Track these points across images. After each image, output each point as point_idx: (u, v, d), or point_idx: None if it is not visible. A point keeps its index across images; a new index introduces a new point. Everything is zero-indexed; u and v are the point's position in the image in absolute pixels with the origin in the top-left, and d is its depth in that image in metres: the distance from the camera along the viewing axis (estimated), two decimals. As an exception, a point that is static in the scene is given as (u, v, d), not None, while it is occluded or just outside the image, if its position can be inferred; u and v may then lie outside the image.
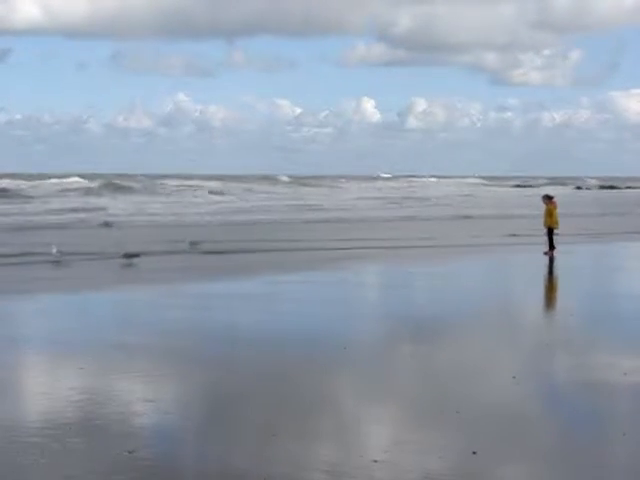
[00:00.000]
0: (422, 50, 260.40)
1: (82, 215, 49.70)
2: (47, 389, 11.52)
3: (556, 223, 29.41)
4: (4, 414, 10.20)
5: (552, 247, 28.89)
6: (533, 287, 23.11)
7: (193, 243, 31.09)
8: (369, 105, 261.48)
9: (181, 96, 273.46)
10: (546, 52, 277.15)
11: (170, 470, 8.28)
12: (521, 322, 17.37)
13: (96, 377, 12.10)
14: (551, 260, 27.96)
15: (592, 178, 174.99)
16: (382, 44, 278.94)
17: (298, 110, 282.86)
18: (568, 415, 10.42)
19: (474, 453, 8.78)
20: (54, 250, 26.76)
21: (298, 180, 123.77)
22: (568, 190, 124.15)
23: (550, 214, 29.58)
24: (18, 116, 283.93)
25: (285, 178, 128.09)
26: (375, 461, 8.49)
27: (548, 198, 30.61)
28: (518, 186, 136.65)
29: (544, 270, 26.67)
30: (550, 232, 29.24)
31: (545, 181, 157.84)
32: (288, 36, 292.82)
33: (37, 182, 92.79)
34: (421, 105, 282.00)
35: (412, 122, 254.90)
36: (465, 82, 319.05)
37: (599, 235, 39.69)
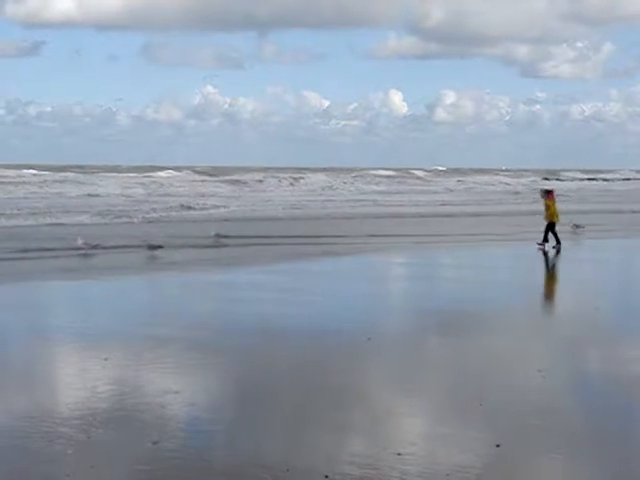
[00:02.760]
0: (453, 43, 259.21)
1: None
2: (73, 380, 11.59)
3: (556, 217, 29.22)
4: (31, 404, 10.27)
5: (556, 240, 28.81)
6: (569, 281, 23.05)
7: (218, 235, 31.19)
8: (397, 98, 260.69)
9: (210, 88, 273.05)
10: (578, 44, 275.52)
11: (194, 461, 8.31)
12: (549, 315, 17.33)
13: (121, 368, 12.15)
14: (556, 251, 28.01)
15: (622, 170, 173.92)
16: (413, 37, 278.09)
17: (326, 102, 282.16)
18: (593, 408, 10.38)
19: (498, 446, 8.77)
20: (79, 242, 26.88)
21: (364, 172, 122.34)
22: (599, 184, 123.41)
23: (547, 208, 29.35)
24: (48, 108, 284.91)
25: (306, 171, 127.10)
26: (399, 454, 8.49)
27: (546, 192, 30.37)
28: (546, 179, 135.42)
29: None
30: (550, 226, 29.01)
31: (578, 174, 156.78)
32: (319, 29, 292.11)
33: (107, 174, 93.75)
34: (450, 98, 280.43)
35: (441, 115, 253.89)
36: (495, 75, 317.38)
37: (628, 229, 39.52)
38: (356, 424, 9.60)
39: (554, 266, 26.10)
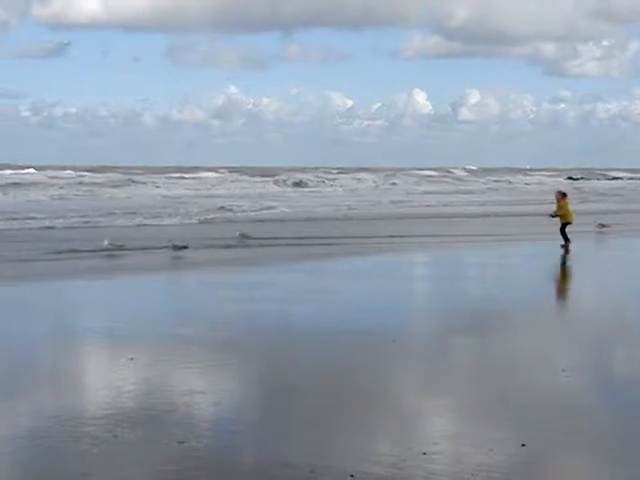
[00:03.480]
0: (478, 42, 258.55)
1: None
2: (99, 379, 11.64)
3: (570, 217, 29.54)
4: (57, 404, 10.32)
5: (567, 240, 28.95)
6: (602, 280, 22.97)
7: (243, 235, 31.24)
8: (421, 97, 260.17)
9: (234, 89, 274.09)
10: (604, 43, 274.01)
11: (219, 461, 8.33)
12: (573, 314, 17.28)
13: (147, 368, 12.19)
14: (567, 252, 27.98)
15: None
16: (437, 36, 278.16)
17: (350, 102, 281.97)
18: (618, 408, 10.34)
19: (523, 445, 8.75)
20: (105, 242, 26.99)
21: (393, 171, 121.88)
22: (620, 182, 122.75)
23: (561, 209, 29.59)
24: (73, 109, 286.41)
25: (335, 171, 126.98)
26: (424, 453, 8.49)
27: (562, 195, 30.48)
28: (571, 178, 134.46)
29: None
30: (564, 226, 29.29)
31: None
32: (344, 29, 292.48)
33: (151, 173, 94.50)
34: (474, 97, 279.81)
35: (465, 114, 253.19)
36: (519, 74, 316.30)
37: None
38: (381, 424, 9.60)
39: (579, 266, 25.98)
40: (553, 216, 30.05)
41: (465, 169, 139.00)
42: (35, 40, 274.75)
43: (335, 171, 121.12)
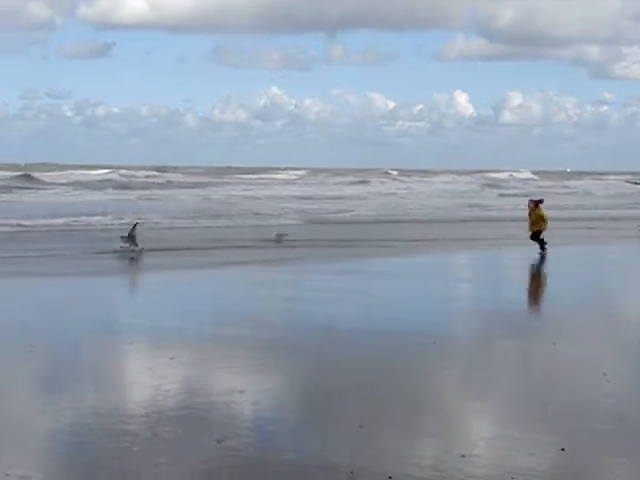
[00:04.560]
0: (522, 44, 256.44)
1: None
2: (139, 378, 11.70)
3: (536, 225, 28.48)
4: (98, 402, 10.38)
5: (542, 245, 28.08)
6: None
7: (279, 235, 31.38)
8: (463, 99, 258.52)
9: (277, 89, 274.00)
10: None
11: (258, 460, 8.34)
12: (615, 318, 17.15)
13: (187, 367, 12.24)
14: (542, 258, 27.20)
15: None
16: (481, 38, 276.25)
17: (392, 104, 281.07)
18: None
19: (563, 450, 8.69)
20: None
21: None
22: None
23: (531, 217, 28.74)
24: (116, 109, 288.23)
25: (393, 172, 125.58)
26: (463, 456, 8.45)
27: (535, 204, 29.28)
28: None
29: None
30: (538, 233, 28.37)
31: None
32: (388, 30, 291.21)
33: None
34: (517, 99, 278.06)
35: (507, 116, 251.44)
36: (563, 76, 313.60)
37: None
38: (421, 426, 9.57)
39: (620, 269, 25.80)
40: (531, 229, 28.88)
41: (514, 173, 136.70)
42: (80, 40, 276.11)
43: (395, 172, 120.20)
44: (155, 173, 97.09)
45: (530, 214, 28.70)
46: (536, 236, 28.30)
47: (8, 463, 8.20)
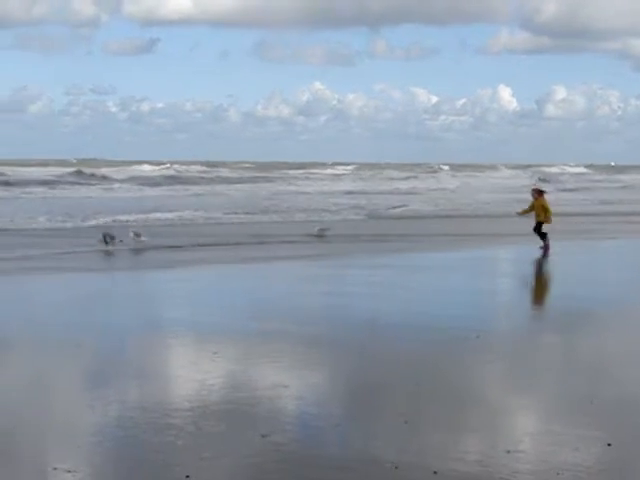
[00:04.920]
0: (566, 37, 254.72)
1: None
2: (183, 372, 11.75)
3: (538, 216, 27.69)
4: (142, 396, 10.44)
5: (544, 240, 27.28)
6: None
7: (321, 230, 31.44)
8: (506, 93, 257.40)
9: (319, 85, 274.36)
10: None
11: (303, 456, 8.34)
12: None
13: (231, 361, 12.28)
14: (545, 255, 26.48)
15: None
16: (525, 32, 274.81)
17: (435, 98, 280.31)
18: None
19: (609, 445, 8.62)
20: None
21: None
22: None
23: (532, 208, 28.09)
24: (160, 105, 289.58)
25: (446, 167, 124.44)
26: (508, 451, 8.41)
27: (539, 192, 28.84)
28: None
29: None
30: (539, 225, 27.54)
31: None
32: (431, 24, 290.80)
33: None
34: (560, 93, 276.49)
35: (550, 110, 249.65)
36: (607, 69, 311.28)
37: None
38: (465, 421, 9.53)
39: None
40: (521, 214, 28.61)
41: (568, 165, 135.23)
42: (125, 37, 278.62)
43: (446, 167, 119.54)
44: (206, 168, 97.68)
45: (533, 203, 28.01)
46: (538, 228, 27.46)
47: (55, 457, 8.27)
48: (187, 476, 7.69)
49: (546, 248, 26.64)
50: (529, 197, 28.58)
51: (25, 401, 10.29)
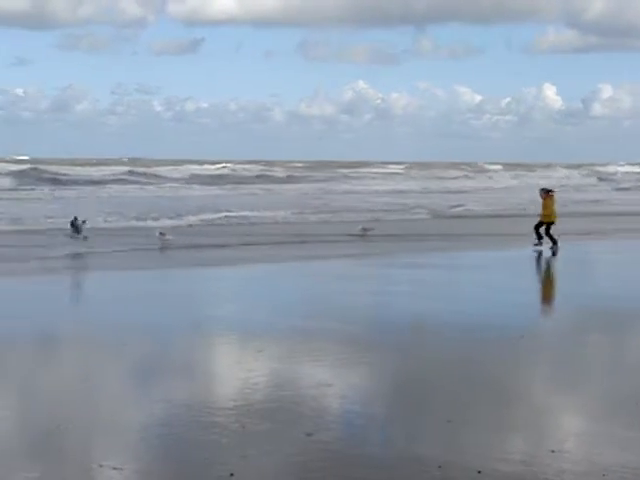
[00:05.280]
0: (613, 36, 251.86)
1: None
2: (227, 370, 11.80)
3: (553, 216, 27.51)
4: (187, 394, 10.49)
5: (540, 238, 26.92)
6: None
7: (364, 229, 31.45)
8: (551, 92, 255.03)
9: (363, 84, 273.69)
10: None
11: (347, 454, 8.34)
12: None
13: (275, 359, 12.31)
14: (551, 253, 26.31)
15: None
16: (571, 30, 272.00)
17: (479, 97, 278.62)
18: None
19: (656, 446, 8.55)
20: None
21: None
22: None
23: (546, 207, 27.68)
24: (204, 104, 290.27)
25: (497, 166, 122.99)
26: (552, 451, 8.37)
27: (546, 192, 28.46)
28: None
29: None
30: (548, 226, 27.13)
31: None
32: (477, 23, 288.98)
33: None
34: (607, 92, 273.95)
35: (597, 109, 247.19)
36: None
37: None
38: (509, 421, 9.50)
39: None
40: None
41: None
42: (170, 37, 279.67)
43: (498, 166, 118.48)
44: (262, 167, 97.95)
45: (547, 205, 27.62)
46: (544, 227, 27.06)
47: (102, 454, 8.33)
48: (231, 474, 7.73)
49: (537, 245, 26.63)
50: (588, 196, 28.28)
51: (72, 398, 10.38)
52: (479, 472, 7.82)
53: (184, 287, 19.75)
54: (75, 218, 28.43)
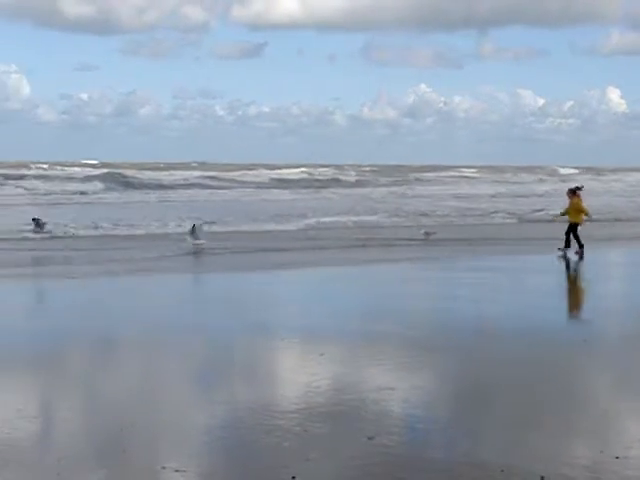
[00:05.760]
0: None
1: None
2: (289, 375, 11.83)
3: (573, 217, 27.02)
4: (250, 397, 10.54)
5: (568, 245, 26.53)
6: None
7: (427, 233, 31.43)
8: (615, 95, 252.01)
9: (425, 87, 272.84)
10: None
11: (409, 458, 8.32)
12: None
13: (337, 363, 12.31)
14: (581, 257, 25.92)
15: None
16: (636, 32, 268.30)
17: (542, 101, 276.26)
18: None
19: None
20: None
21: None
22: None
23: (576, 209, 27.13)
24: (266, 109, 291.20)
25: (569, 170, 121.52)
26: (617, 457, 8.27)
27: (572, 192, 27.70)
28: None
29: None
30: (571, 229, 26.80)
31: None
32: (541, 26, 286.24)
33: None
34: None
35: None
36: None
37: None
38: (573, 426, 9.42)
39: None
40: (558, 217, 28.16)
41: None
42: (233, 41, 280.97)
43: (575, 170, 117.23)
44: (335, 171, 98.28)
45: (575, 204, 27.17)
46: (573, 230, 26.75)
47: (164, 457, 8.40)
48: (293, 477, 7.74)
49: (565, 249, 26.31)
50: None
51: (136, 401, 10.48)
52: (542, 477, 7.75)
53: (247, 290, 19.83)
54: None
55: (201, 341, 13.84)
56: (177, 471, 7.94)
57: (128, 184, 70.97)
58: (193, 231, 28.19)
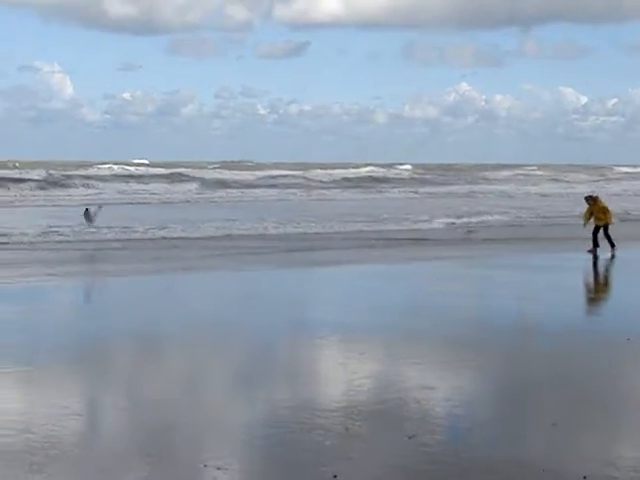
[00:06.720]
0: None
1: None
2: (330, 373, 11.85)
3: (600, 219, 26.92)
4: (291, 396, 10.57)
5: (596, 245, 26.35)
6: None
7: (469, 232, 31.40)
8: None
9: (466, 86, 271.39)
10: None
11: (449, 457, 8.31)
12: None
13: (378, 362, 12.32)
14: (595, 257, 25.63)
15: None
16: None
17: (584, 99, 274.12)
18: None
19: None
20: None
21: None
22: None
23: (602, 212, 27.03)
24: (307, 107, 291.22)
25: (626, 169, 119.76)
26: (661, 457, 8.22)
27: (587, 200, 27.75)
28: None
29: None
30: (597, 230, 26.70)
31: None
32: (584, 23, 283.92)
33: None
34: None
35: None
36: None
37: None
38: (616, 425, 9.37)
39: None
40: (585, 224, 27.54)
41: None
42: (276, 40, 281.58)
43: (629, 169, 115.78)
44: (383, 169, 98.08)
45: (591, 211, 27.14)
46: (605, 232, 26.73)
47: (206, 454, 8.44)
48: (334, 476, 7.76)
49: (594, 251, 26.14)
50: None
51: (179, 399, 10.53)
52: (585, 477, 7.72)
53: (288, 288, 19.86)
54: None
55: (243, 339, 13.89)
56: (219, 469, 7.98)
57: (220, 184, 70.98)
58: (87, 215, 30.78)
